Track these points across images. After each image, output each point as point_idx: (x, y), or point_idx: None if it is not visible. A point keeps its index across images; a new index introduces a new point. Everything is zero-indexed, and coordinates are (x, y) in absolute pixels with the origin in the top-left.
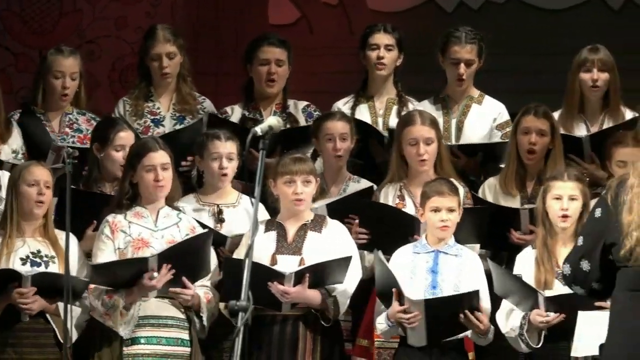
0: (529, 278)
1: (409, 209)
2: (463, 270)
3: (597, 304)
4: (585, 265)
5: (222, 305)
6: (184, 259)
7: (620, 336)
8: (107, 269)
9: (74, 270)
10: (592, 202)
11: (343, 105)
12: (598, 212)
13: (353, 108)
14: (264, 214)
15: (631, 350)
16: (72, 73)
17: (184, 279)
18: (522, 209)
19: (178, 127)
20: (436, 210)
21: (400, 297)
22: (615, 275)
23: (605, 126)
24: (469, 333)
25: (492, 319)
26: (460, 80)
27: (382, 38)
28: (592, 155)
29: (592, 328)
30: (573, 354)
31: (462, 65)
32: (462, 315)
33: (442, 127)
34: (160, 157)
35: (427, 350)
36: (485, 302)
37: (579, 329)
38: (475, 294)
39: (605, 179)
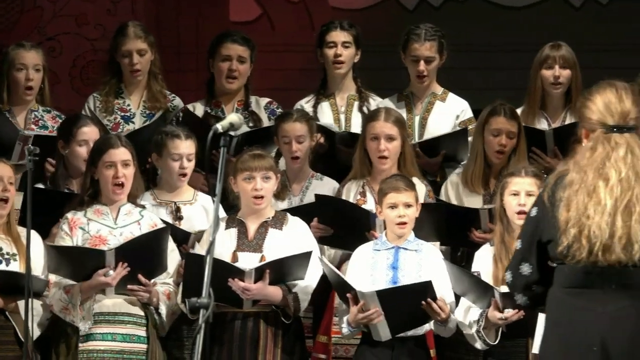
0: (487, 275)
1: (370, 205)
2: (424, 265)
3: None
4: (525, 268)
5: (179, 300)
6: (142, 254)
7: (557, 333)
8: (63, 253)
9: (38, 268)
10: None
11: (305, 103)
12: (534, 211)
13: (315, 106)
14: (220, 212)
15: (567, 347)
16: (34, 65)
17: (140, 276)
18: (482, 209)
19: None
20: (393, 206)
21: (357, 300)
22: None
23: (566, 123)
24: (431, 326)
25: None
26: (421, 77)
27: (339, 35)
28: (555, 150)
29: None
30: (534, 350)
31: (422, 62)
32: (424, 302)
33: None
34: (120, 153)
35: (389, 346)
36: (448, 296)
37: (540, 325)
38: (427, 285)
39: None
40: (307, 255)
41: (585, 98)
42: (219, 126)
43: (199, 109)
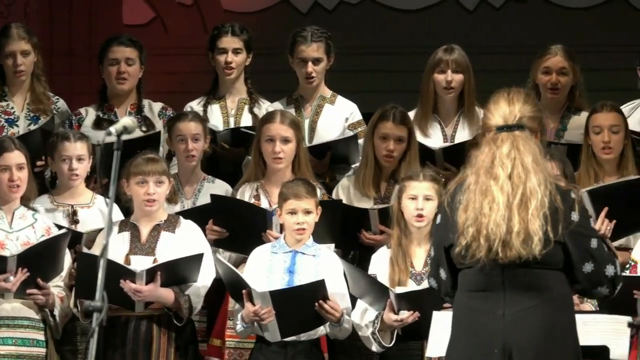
0: (384, 278)
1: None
2: (320, 270)
3: (447, 305)
4: (443, 274)
5: (72, 303)
6: (42, 259)
7: (461, 335)
8: None
9: None
10: None
11: (196, 105)
12: (438, 219)
13: (205, 107)
14: (118, 215)
15: (471, 349)
16: None
17: (39, 280)
18: (372, 209)
19: (32, 127)
20: (292, 212)
21: (251, 297)
22: None
23: (459, 127)
24: (324, 330)
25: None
26: (309, 78)
27: (230, 42)
28: (445, 165)
29: (446, 328)
30: (428, 354)
31: (310, 64)
32: (317, 304)
33: None
34: (15, 157)
35: (283, 349)
36: (344, 301)
37: (433, 329)
38: (320, 284)
39: None
40: (198, 257)
41: (484, 108)
42: (113, 129)
43: (91, 113)
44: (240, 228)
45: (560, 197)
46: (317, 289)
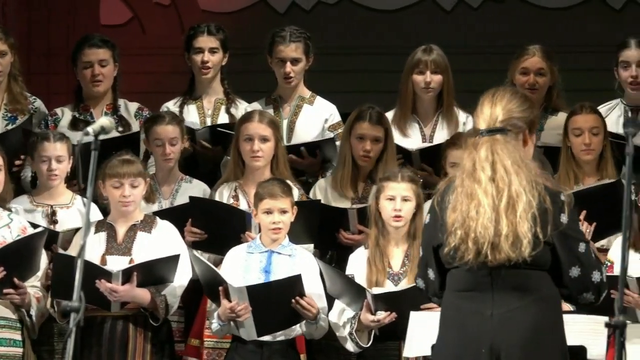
0: (361, 278)
1: (243, 208)
2: (296, 270)
3: (424, 306)
4: (431, 274)
5: (49, 303)
6: (18, 258)
7: (449, 335)
8: None
9: None
10: (426, 204)
11: (173, 105)
12: (427, 218)
13: (181, 107)
14: (97, 215)
15: (458, 349)
16: None
17: (15, 279)
18: (350, 209)
19: (10, 127)
20: (268, 212)
21: (227, 294)
22: None
23: (438, 127)
24: (300, 330)
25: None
26: (288, 79)
27: (206, 41)
28: (422, 166)
29: (423, 328)
30: (405, 354)
31: (289, 63)
32: (294, 301)
33: None
34: None
35: (259, 350)
36: (322, 301)
37: (411, 329)
38: (297, 279)
39: None
40: (175, 258)
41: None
42: (90, 130)
43: (67, 113)
44: (219, 230)
45: (550, 198)
46: (294, 284)
